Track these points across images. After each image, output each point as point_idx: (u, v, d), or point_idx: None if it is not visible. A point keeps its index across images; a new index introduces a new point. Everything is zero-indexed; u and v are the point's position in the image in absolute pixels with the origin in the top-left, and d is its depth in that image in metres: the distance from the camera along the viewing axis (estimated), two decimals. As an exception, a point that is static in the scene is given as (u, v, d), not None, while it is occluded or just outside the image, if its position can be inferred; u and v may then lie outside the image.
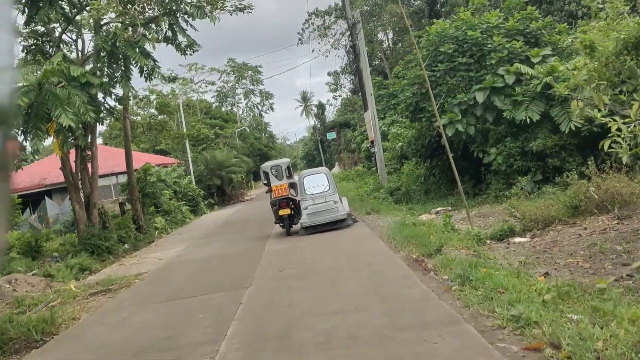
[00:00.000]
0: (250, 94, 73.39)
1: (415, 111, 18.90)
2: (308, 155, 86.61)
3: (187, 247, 17.91)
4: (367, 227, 15.20)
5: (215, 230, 21.99)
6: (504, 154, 16.91)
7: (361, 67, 23.45)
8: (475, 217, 15.28)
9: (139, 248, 20.02)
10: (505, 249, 11.08)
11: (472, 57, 17.93)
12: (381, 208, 18.21)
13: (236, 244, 16.31)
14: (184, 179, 34.84)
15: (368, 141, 26.15)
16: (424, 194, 20.27)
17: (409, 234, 11.69)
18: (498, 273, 7.60)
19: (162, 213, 26.73)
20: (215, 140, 52.85)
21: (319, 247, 13.14)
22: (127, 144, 22.20)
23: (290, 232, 16.36)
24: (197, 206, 34.48)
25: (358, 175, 36.49)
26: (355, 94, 64.74)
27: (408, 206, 19.21)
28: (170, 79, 20.09)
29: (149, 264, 15.33)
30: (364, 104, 24.24)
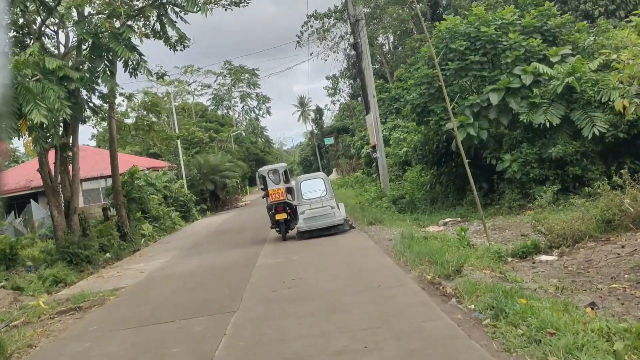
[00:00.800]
0: (246, 98, 71.98)
1: (423, 113, 17.51)
2: (305, 161, 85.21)
3: (172, 257, 16.43)
4: (370, 239, 13.76)
5: (205, 239, 20.51)
6: (519, 161, 15.52)
7: (363, 66, 22.09)
8: (489, 230, 13.86)
9: (122, 257, 18.55)
10: (532, 268, 9.67)
11: (485, 55, 16.58)
12: (384, 218, 16.78)
13: (226, 256, 14.85)
14: (175, 183, 33.37)
15: (369, 146, 24.74)
16: (430, 203, 18.85)
17: (421, 249, 10.25)
18: (540, 305, 6.17)
19: (150, 219, 25.23)
20: (209, 143, 51.40)
21: (318, 262, 11.69)
22: (112, 145, 20.74)
23: (286, 237, 16.18)
24: (189, 212, 33.00)
25: (357, 182, 35.06)
26: (354, 99, 63.42)
27: (413, 216, 17.78)
28: (159, 75, 18.66)
29: (129, 277, 13.85)
30: (366, 106, 22.87)
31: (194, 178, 36.69)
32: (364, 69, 22.12)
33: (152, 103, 20.14)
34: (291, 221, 16.50)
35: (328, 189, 16.11)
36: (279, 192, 16.48)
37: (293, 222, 16.41)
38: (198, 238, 21.24)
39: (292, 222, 16.46)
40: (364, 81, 22.30)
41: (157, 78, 18.64)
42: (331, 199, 15.86)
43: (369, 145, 30.99)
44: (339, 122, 71.22)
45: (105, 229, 19.02)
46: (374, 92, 21.22)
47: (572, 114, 15.00)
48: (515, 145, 15.96)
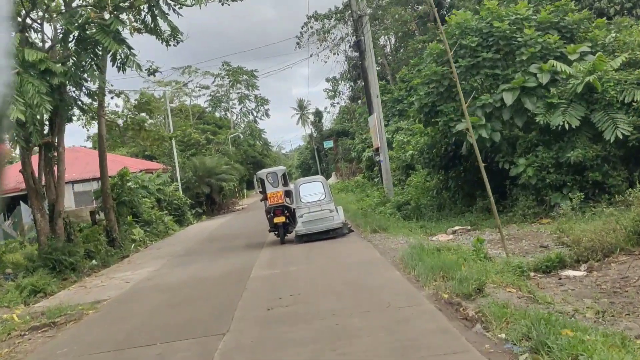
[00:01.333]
0: (245, 99, 70.82)
1: (431, 114, 16.45)
2: (304, 164, 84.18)
3: (162, 266, 15.33)
4: (375, 249, 12.68)
5: (197, 246, 19.40)
6: (535, 165, 14.46)
7: (366, 65, 21.04)
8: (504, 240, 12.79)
9: (109, 264, 17.43)
10: (559, 285, 8.60)
11: (498, 52, 15.54)
12: (389, 225, 15.70)
13: (218, 265, 13.76)
14: (170, 186, 32.27)
15: (372, 149, 23.68)
16: (437, 210, 17.78)
17: (433, 262, 9.18)
18: (590, 338, 5.10)
19: (141, 223, 24.13)
20: (206, 145, 50.30)
21: (318, 274, 10.60)
22: (101, 145, 19.65)
23: (284, 241, 16.10)
24: (183, 216, 31.91)
25: (358, 187, 33.97)
26: (355, 102, 62.44)
27: (419, 223, 16.71)
28: (150, 71, 17.58)
29: (113, 287, 12.75)
30: (369, 107, 21.82)
31: (189, 181, 35.59)
32: (367, 67, 21.08)
33: (144, 101, 18.99)
34: (290, 224, 16.32)
35: (327, 192, 16.00)
36: (278, 196, 16.25)
37: (291, 226, 16.24)
38: (191, 244, 20.14)
39: (291, 225, 16.29)
40: (367, 80, 21.25)
41: (148, 74, 17.59)
42: (330, 202, 15.76)
43: (370, 148, 29.93)
44: (338, 125, 70.18)
45: (92, 234, 17.92)
46: (377, 92, 20.16)
47: (592, 115, 13.96)
48: (531, 149, 14.91)
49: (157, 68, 17.62)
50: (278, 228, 16.33)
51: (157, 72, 17.66)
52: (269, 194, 16.42)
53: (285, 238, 16.17)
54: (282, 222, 16.14)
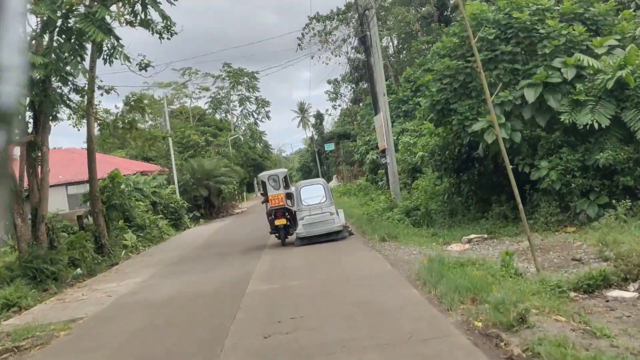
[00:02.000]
0: (245, 101, 69.65)
1: (443, 112, 15.18)
2: (304, 167, 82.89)
3: (151, 276, 14.04)
4: (385, 260, 11.38)
5: (191, 253, 18.11)
6: (559, 168, 13.18)
7: (372, 62, 19.79)
8: (526, 251, 11.52)
9: (95, 273, 16.15)
10: (608, 310, 7.31)
11: (518, 45, 14.28)
12: (399, 233, 14.41)
13: (212, 276, 12.47)
14: (166, 189, 31.00)
15: (378, 150, 22.42)
16: (449, 216, 16.50)
17: (457, 280, 7.90)
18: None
19: (134, 228, 22.86)
20: (205, 147, 49.04)
21: (323, 291, 9.31)
22: (90, 146, 18.36)
23: (285, 243, 16.17)
24: (180, 220, 30.63)
25: (361, 190, 32.66)
26: (356, 104, 61.23)
27: (430, 231, 15.43)
28: (142, 66, 16.29)
29: (93, 302, 11.46)
30: (374, 106, 20.56)
31: (187, 183, 34.31)
32: (372, 64, 19.83)
33: (135, 99, 17.73)
34: (290, 227, 16.37)
35: (328, 195, 16.05)
36: (279, 198, 16.36)
37: (292, 228, 16.28)
38: (185, 251, 18.85)
39: (292, 227, 16.33)
40: (372, 78, 20.00)
41: (139, 69, 16.28)
42: (330, 205, 15.80)
43: (374, 150, 28.65)
44: (340, 127, 69.01)
45: (78, 240, 16.61)
46: (384, 90, 18.89)
47: (623, 113, 12.69)
48: (554, 150, 13.64)
49: (149, 62, 16.32)
50: (279, 230, 16.34)
51: (148, 67, 16.31)
52: (270, 196, 16.48)
53: (286, 240, 16.24)
54: (283, 225, 16.19)
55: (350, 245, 14.50)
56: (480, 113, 14.28)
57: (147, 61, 16.27)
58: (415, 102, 29.26)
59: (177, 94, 69.96)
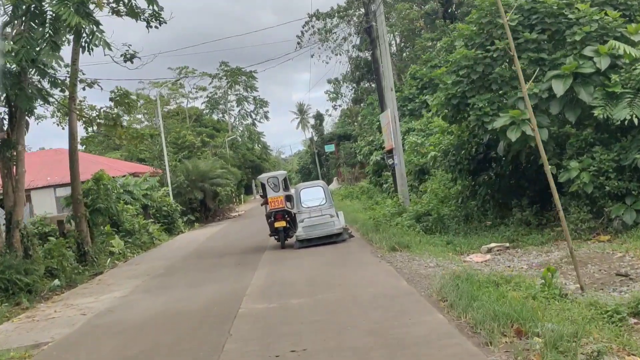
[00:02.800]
0: (243, 101, 68.17)
1: (459, 107, 13.72)
2: (304, 169, 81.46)
3: (133, 289, 12.57)
4: (399, 274, 9.92)
5: (181, 262, 16.63)
6: (591, 169, 11.73)
7: (378, 54, 18.36)
8: (564, 264, 10.09)
9: (76, 284, 14.70)
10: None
11: (543, 32, 12.83)
12: (410, 242, 12.94)
13: (201, 291, 11.01)
14: (159, 191, 29.54)
15: (383, 151, 20.99)
16: (464, 222, 15.04)
17: (494, 304, 6.46)
18: None
19: (122, 233, 21.41)
20: (201, 148, 47.53)
21: (329, 314, 7.84)
22: (72, 144, 16.90)
23: (284, 245, 16.06)
24: (173, 224, 29.18)
25: (363, 193, 31.19)
26: (357, 104, 59.80)
27: (444, 238, 13.96)
28: (127, 57, 14.84)
29: (64, 322, 9.99)
30: (380, 103, 19.12)
31: (181, 185, 32.82)
32: (378, 57, 18.40)
33: (122, 93, 16.27)
34: (290, 229, 16.27)
35: (327, 197, 15.99)
36: (279, 200, 16.29)
37: (292, 230, 16.17)
38: (174, 260, 17.37)
39: (291, 230, 16.22)
40: (378, 72, 18.57)
41: (124, 60, 14.84)
42: (330, 207, 15.74)
43: (379, 150, 27.21)
44: (340, 128, 67.62)
45: (57, 248, 15.14)
46: (391, 85, 17.43)
47: (664, 108, 11.24)
48: (585, 149, 12.19)
49: (135, 53, 14.88)
50: (279, 232, 16.21)
51: (134, 58, 14.87)
52: (269, 199, 16.37)
53: (285, 243, 16.11)
54: (283, 227, 16.07)
55: (356, 254, 13.05)
56: (501, 108, 12.82)
57: (133, 51, 14.82)
58: (422, 99, 27.84)
59: (173, 93, 68.63)
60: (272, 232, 16.54)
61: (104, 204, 18.37)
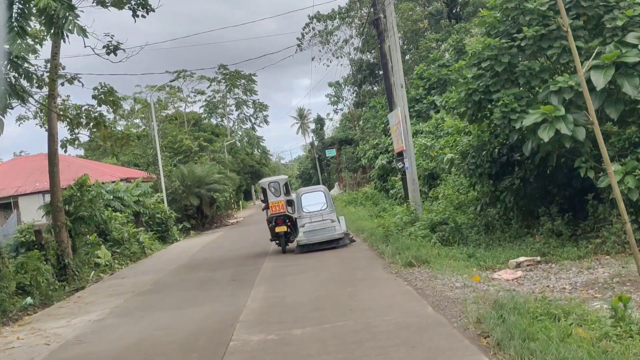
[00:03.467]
0: (242, 105, 66.61)
1: (482, 103, 12.20)
2: (304, 174, 79.96)
3: (111, 311, 11.00)
4: (420, 296, 8.36)
5: (171, 276, 15.05)
6: (637, 173, 10.20)
7: (386, 48, 16.86)
8: (613, 282, 8.55)
9: (53, 301, 13.17)
10: None
11: (579, 17, 11.33)
12: (428, 255, 11.38)
13: (186, 317, 9.45)
14: (152, 197, 27.98)
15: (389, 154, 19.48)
16: (484, 232, 13.49)
17: (560, 349, 4.92)
18: None
19: (110, 243, 19.86)
20: (199, 153, 46.03)
21: (340, 352, 6.28)
22: (52, 146, 15.37)
23: (285, 251, 16.00)
24: (167, 232, 27.64)
25: (368, 199, 29.60)
26: (359, 107, 58.32)
27: (464, 250, 12.41)
28: (110, 49, 13.33)
29: (22, 354, 8.43)
30: (389, 101, 17.58)
31: (176, 191, 31.27)
32: (387, 51, 16.89)
33: (105, 90, 14.76)
34: (291, 234, 16.22)
35: (328, 202, 15.97)
36: (280, 205, 16.20)
37: (293, 235, 16.14)
38: (164, 273, 15.81)
39: (292, 235, 16.19)
40: (387, 67, 17.05)
41: (107, 52, 13.33)
42: (331, 212, 15.76)
43: (385, 154, 25.68)
44: (341, 132, 66.16)
45: (31, 262, 13.58)
46: (402, 81, 15.90)
47: None
48: (629, 150, 10.68)
49: (119, 44, 13.37)
50: (279, 237, 16.14)
51: (118, 50, 13.36)
52: (270, 203, 16.27)
53: (286, 247, 16.09)
54: (284, 232, 16.00)
55: (367, 269, 11.49)
56: (530, 104, 11.31)
57: (117, 42, 13.31)
58: (430, 100, 26.34)
59: (171, 97, 67.23)
60: (273, 237, 16.41)
61: (87, 212, 16.83)
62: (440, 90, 26.33)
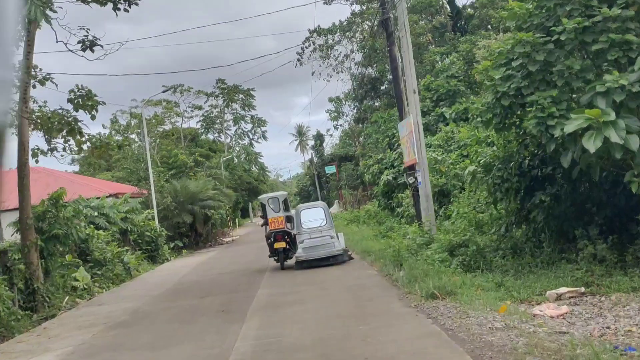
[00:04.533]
0: (240, 120, 65.05)
1: (513, 109, 10.55)
2: (303, 192, 78.24)
3: (75, 349, 9.20)
4: (454, 342, 6.60)
5: (152, 304, 13.23)
6: (703, 188, 8.54)
7: (396, 51, 15.28)
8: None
9: (14, 333, 11.37)
10: None
11: (628, 7, 9.74)
12: (452, 284, 9.64)
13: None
14: (141, 214, 26.23)
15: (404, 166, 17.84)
16: (512, 256, 11.74)
17: None
18: None
19: (91, 264, 18.09)
20: (194, 168, 44.32)
21: None
22: (22, 156, 13.61)
23: (284, 267, 15.98)
24: (158, 251, 25.83)
25: (371, 217, 27.85)
26: (360, 123, 56.85)
27: (490, 278, 10.68)
28: (85, 44, 11.72)
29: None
30: (399, 110, 15.94)
31: (167, 208, 29.49)
32: (396, 54, 15.32)
33: (83, 94, 13.11)
34: (290, 250, 16.16)
35: (328, 218, 15.92)
36: (279, 221, 16.20)
37: (292, 251, 16.07)
38: (145, 300, 14.02)
39: (291, 251, 16.12)
40: (396, 72, 15.44)
41: (82, 48, 11.73)
42: (331, 228, 15.71)
43: (390, 169, 24.02)
44: (341, 149, 64.66)
45: (-10, 287, 11.81)
46: (414, 86, 14.26)
47: None
48: (691, 162, 9.01)
49: (95, 40, 11.76)
50: (278, 253, 16.09)
51: (95, 46, 11.75)
52: (270, 219, 16.26)
53: (285, 264, 16.05)
54: (283, 248, 15.96)
55: (380, 301, 9.75)
56: (571, 108, 9.67)
57: (93, 37, 11.69)
58: (439, 112, 24.76)
59: (167, 112, 65.77)
60: (272, 253, 16.32)
61: (63, 230, 15.07)
62: (449, 102, 24.79)
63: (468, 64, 26.25)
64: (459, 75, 26.44)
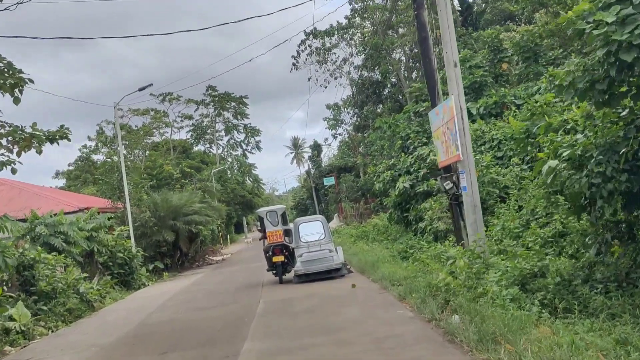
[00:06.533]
0: (232, 129, 61.25)
1: (632, 70, 6.80)
2: (300, 205, 74.43)
3: None
4: None
5: (108, 353, 9.42)
6: None
7: (425, 17, 11.61)
8: None
9: None
10: None
11: None
12: (552, 344, 5.83)
13: None
14: (113, 232, 22.39)
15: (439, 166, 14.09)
16: (616, 290, 7.94)
17: None
18: None
19: (35, 297, 14.24)
20: (181, 180, 40.47)
21: None
22: None
23: (282, 281, 15.92)
24: (132, 275, 21.95)
25: (381, 233, 24.03)
26: (360, 132, 53.24)
27: (594, 326, 6.90)
28: None
29: None
30: (431, 95, 12.23)
31: (146, 224, 25.59)
32: (425, 22, 11.64)
33: (1, 68, 9.35)
34: (288, 264, 16.13)
35: (326, 232, 15.95)
36: (277, 234, 16.13)
37: (290, 265, 16.05)
38: (92, 352, 10.13)
39: (289, 265, 16.10)
40: (426, 44, 11.72)
41: None
42: (329, 242, 15.72)
43: (407, 175, 20.22)
44: (340, 160, 61.02)
45: None
46: (456, 58, 10.57)
47: None
48: None
49: None
50: (276, 267, 16.07)
51: None
52: (268, 233, 16.16)
53: (283, 278, 15.97)
54: (281, 261, 15.93)
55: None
56: None
57: None
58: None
59: (156, 122, 62.09)
60: (270, 267, 16.32)
61: (-14, 256, 11.23)
62: (474, 95, 21.14)
63: (494, 53, 22.76)
64: (484, 65, 22.87)
